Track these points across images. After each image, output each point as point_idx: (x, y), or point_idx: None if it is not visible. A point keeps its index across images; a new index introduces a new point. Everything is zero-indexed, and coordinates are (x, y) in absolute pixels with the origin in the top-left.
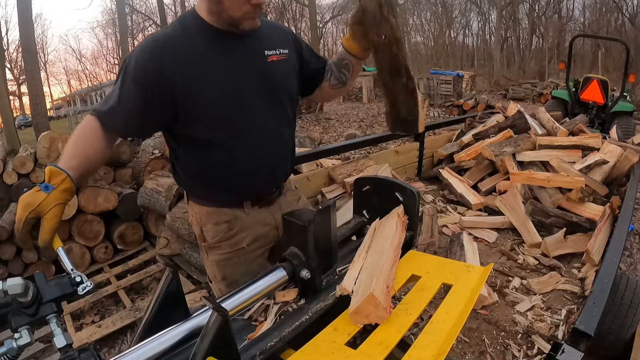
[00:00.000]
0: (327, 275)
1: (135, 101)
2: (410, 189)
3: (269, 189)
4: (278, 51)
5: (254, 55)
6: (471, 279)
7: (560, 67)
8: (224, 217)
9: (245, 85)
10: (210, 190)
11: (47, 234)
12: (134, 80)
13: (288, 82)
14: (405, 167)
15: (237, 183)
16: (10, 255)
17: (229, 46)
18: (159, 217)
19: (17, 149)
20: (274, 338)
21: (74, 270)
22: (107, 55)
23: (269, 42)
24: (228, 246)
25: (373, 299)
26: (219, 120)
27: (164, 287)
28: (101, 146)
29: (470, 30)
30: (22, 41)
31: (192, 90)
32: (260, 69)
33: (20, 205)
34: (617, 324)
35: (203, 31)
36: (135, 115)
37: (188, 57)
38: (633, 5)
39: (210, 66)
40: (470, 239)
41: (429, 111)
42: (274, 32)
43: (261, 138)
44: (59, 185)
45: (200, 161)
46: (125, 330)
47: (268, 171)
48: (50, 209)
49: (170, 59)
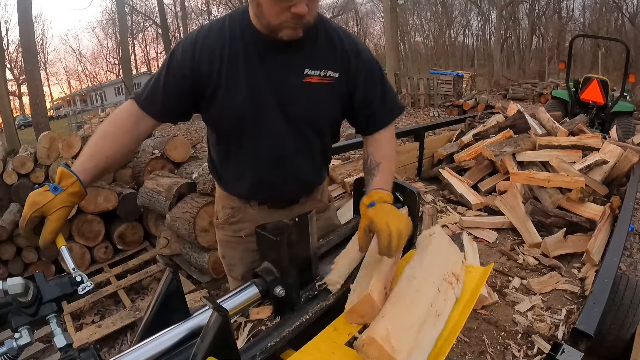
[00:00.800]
0: (307, 290)
1: (172, 85)
2: (410, 189)
3: (274, 200)
4: (323, 72)
5: (291, 70)
6: (471, 279)
7: (560, 67)
8: (230, 203)
9: (268, 100)
10: (223, 178)
11: (49, 235)
12: (173, 66)
13: (320, 109)
14: (405, 167)
15: (243, 184)
16: (10, 255)
17: (267, 54)
18: (159, 217)
19: (17, 149)
20: (274, 338)
21: (75, 269)
22: (107, 55)
23: (316, 61)
24: (230, 230)
25: (370, 300)
26: (233, 126)
27: (164, 287)
28: (127, 140)
29: (470, 30)
30: (22, 41)
31: (218, 88)
32: (289, 88)
33: (27, 203)
34: (617, 324)
35: (246, 33)
36: (171, 98)
37: (223, 56)
38: (633, 5)
39: (241, 71)
40: (470, 239)
41: (429, 111)
42: (329, 50)
43: (268, 157)
44: (68, 188)
45: (217, 152)
46: (125, 330)
47: (272, 187)
48: (55, 211)
49: (206, 55)
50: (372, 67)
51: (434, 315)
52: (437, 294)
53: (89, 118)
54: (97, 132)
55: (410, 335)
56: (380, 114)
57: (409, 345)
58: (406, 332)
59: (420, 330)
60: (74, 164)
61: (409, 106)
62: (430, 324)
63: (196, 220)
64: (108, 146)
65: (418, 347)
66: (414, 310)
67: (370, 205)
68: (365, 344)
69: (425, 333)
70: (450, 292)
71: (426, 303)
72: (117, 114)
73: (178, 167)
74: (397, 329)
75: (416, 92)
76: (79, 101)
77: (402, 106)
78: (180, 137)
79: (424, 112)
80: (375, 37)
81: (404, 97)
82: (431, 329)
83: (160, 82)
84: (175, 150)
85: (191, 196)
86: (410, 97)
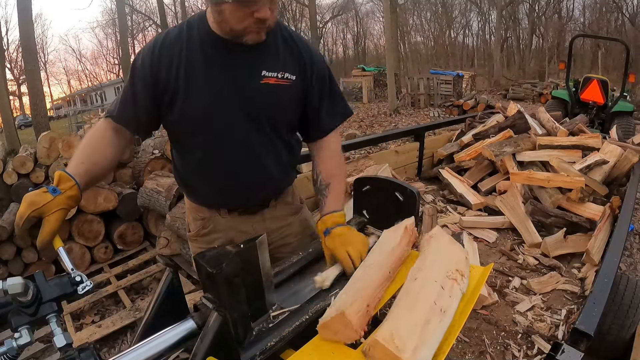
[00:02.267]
0: (259, 323)
1: (140, 96)
2: (410, 189)
3: (245, 204)
4: (281, 74)
5: (249, 72)
6: (471, 278)
7: (560, 67)
8: (200, 214)
9: (229, 102)
10: (191, 189)
11: (47, 236)
12: (137, 76)
13: (280, 109)
14: (405, 167)
15: (211, 192)
16: (10, 255)
17: (226, 57)
18: (159, 217)
19: (17, 149)
20: (274, 338)
21: (74, 270)
22: (107, 55)
23: (273, 63)
24: (203, 242)
25: (343, 318)
26: (197, 129)
27: (164, 287)
28: (111, 152)
29: (470, 30)
30: (22, 41)
31: (177, 94)
32: (249, 89)
33: (24, 202)
34: (617, 324)
35: (205, 38)
36: (141, 106)
37: (181, 61)
38: (633, 5)
39: (200, 75)
40: (470, 239)
41: (429, 111)
42: (287, 53)
43: (236, 158)
44: (66, 191)
45: (183, 161)
46: (125, 330)
47: (243, 190)
48: (53, 212)
49: (165, 61)
50: (324, 71)
51: (439, 312)
52: (440, 291)
53: (89, 118)
54: (82, 143)
55: (415, 334)
56: (326, 113)
57: (413, 344)
58: (410, 331)
59: (425, 328)
60: (67, 168)
61: (409, 106)
62: (436, 321)
63: None
64: (96, 154)
65: (424, 344)
66: (417, 310)
67: (326, 232)
68: (371, 347)
69: (431, 330)
70: (456, 287)
71: (429, 301)
72: (97, 128)
73: None
74: (400, 329)
75: (416, 92)
76: (79, 101)
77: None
78: None
79: (424, 112)
80: (375, 37)
81: (404, 97)
82: (437, 326)
83: (128, 94)
84: None
85: None
86: (410, 97)
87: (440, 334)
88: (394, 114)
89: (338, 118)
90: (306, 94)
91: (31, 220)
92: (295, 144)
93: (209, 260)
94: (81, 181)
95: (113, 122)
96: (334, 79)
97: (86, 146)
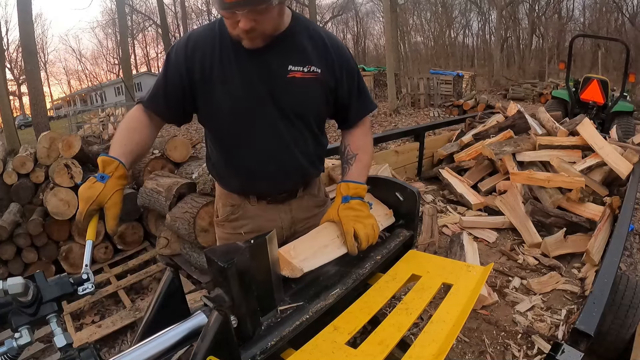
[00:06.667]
0: (268, 318)
1: (172, 85)
2: (410, 189)
3: (273, 191)
4: (307, 68)
5: (276, 67)
6: (471, 278)
7: (560, 67)
8: (230, 200)
9: (258, 97)
10: (223, 176)
11: (113, 221)
12: (171, 67)
13: (307, 102)
14: (405, 167)
15: (241, 180)
16: (10, 255)
17: (254, 54)
18: (159, 217)
19: (17, 149)
20: (274, 337)
21: (87, 266)
22: (107, 55)
23: (299, 58)
24: (230, 227)
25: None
26: (227, 122)
27: (164, 287)
28: (147, 132)
29: (470, 30)
30: (22, 41)
31: (208, 88)
32: (276, 83)
33: (81, 199)
34: (617, 324)
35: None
36: (172, 98)
37: (213, 57)
38: (633, 5)
39: (233, 68)
40: (470, 239)
41: (429, 111)
42: (312, 47)
43: (263, 149)
44: (114, 173)
45: (215, 150)
46: (125, 330)
47: (270, 180)
48: (109, 198)
49: (199, 54)
50: (351, 64)
51: (339, 244)
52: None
53: (89, 118)
54: (119, 128)
55: (308, 251)
56: (356, 108)
57: (304, 256)
58: (305, 249)
59: (319, 250)
60: (109, 152)
61: (409, 106)
62: (334, 248)
63: (196, 220)
64: (135, 134)
65: (313, 257)
66: (318, 239)
67: (345, 199)
68: (280, 259)
69: (324, 252)
70: None
71: (331, 235)
72: (130, 114)
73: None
74: (298, 247)
75: (416, 92)
76: (79, 101)
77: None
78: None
79: (424, 112)
80: (375, 37)
81: (404, 97)
82: (331, 251)
83: (160, 84)
84: (175, 150)
85: (191, 196)
86: (410, 97)
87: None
88: (394, 114)
89: (369, 108)
90: (335, 87)
91: (92, 214)
92: (322, 136)
93: (220, 255)
94: (126, 161)
95: (144, 108)
96: (361, 76)
97: (124, 129)
